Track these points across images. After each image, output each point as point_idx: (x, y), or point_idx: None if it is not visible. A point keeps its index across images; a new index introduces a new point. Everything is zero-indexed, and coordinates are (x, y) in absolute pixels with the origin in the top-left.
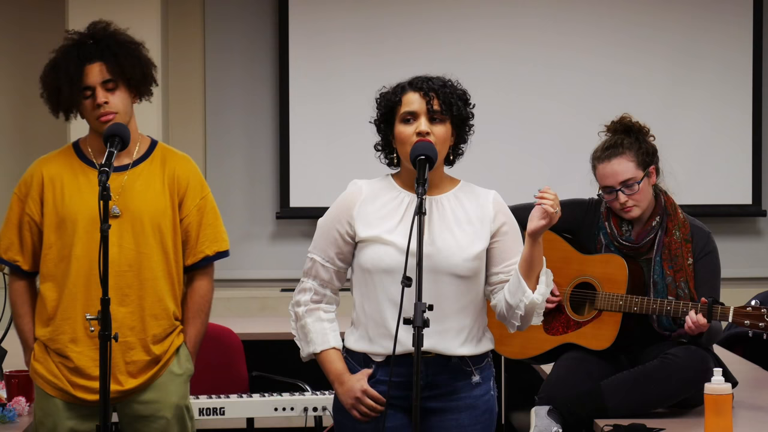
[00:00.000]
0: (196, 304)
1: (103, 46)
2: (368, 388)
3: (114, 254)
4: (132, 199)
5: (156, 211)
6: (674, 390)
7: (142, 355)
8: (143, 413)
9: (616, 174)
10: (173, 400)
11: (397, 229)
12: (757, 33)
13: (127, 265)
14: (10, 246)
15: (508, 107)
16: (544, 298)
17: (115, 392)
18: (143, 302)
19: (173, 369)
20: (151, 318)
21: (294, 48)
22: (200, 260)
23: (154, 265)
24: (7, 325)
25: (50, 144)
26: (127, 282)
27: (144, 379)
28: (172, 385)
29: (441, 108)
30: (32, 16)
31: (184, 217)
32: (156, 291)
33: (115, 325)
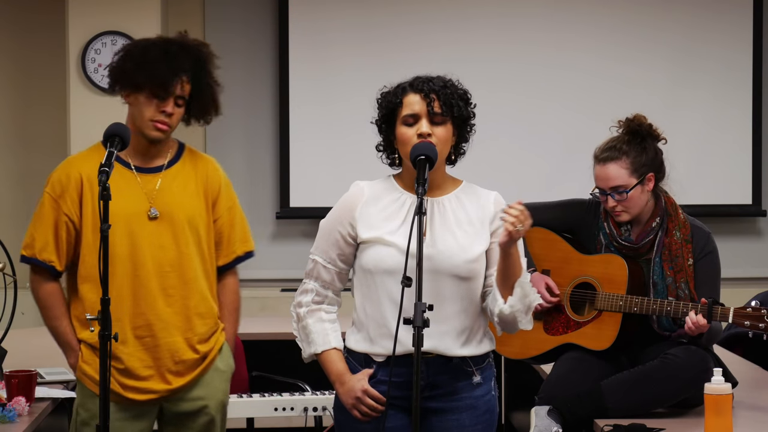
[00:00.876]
0: (232, 302)
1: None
2: (369, 388)
3: (156, 255)
4: (170, 200)
5: (192, 212)
6: (674, 390)
7: (190, 354)
8: (191, 409)
9: (608, 179)
10: (219, 396)
11: (399, 230)
12: (757, 33)
13: (169, 265)
14: (45, 246)
15: (508, 107)
16: (513, 310)
17: (164, 391)
18: (188, 302)
19: (218, 365)
20: (197, 317)
21: (294, 48)
22: (233, 260)
23: (194, 265)
24: (7, 325)
25: (50, 144)
26: (170, 282)
27: (191, 377)
28: (218, 382)
29: (442, 110)
30: (32, 16)
31: (218, 218)
32: (199, 290)
33: (162, 325)
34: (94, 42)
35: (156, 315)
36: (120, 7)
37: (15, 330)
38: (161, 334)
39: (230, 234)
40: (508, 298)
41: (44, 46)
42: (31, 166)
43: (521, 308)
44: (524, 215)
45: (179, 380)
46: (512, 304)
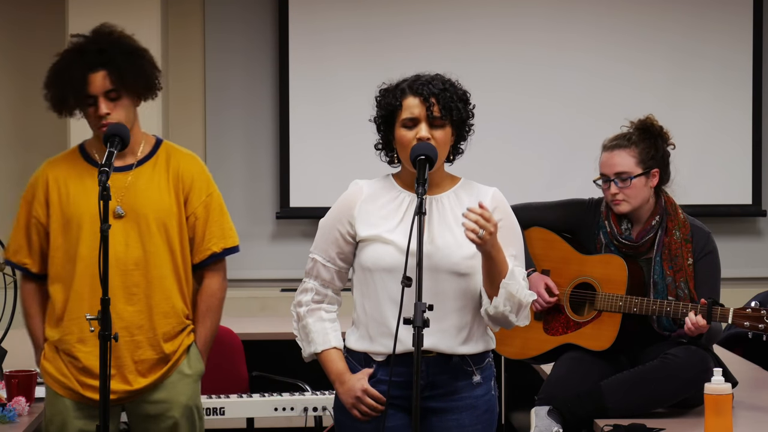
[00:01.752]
0: (206, 302)
1: (108, 55)
2: (369, 387)
3: (120, 253)
4: (136, 198)
5: (161, 210)
6: (674, 390)
7: (151, 354)
8: (152, 413)
9: (613, 164)
10: (182, 400)
11: (398, 228)
12: (757, 33)
13: (134, 263)
14: (19, 249)
15: (508, 107)
16: (497, 311)
17: (124, 392)
18: (151, 300)
19: (183, 369)
20: (160, 316)
21: (294, 48)
22: (207, 257)
23: (161, 263)
24: (7, 325)
25: (50, 144)
26: (134, 281)
27: (153, 379)
28: (181, 384)
29: (441, 113)
30: (32, 16)
31: (190, 214)
32: (164, 289)
33: (122, 324)
34: None
35: (116, 314)
36: (120, 7)
37: (15, 330)
38: (121, 333)
39: (205, 230)
40: (493, 299)
41: (44, 46)
42: (31, 166)
43: (509, 308)
44: (485, 217)
45: (141, 381)
46: (496, 305)
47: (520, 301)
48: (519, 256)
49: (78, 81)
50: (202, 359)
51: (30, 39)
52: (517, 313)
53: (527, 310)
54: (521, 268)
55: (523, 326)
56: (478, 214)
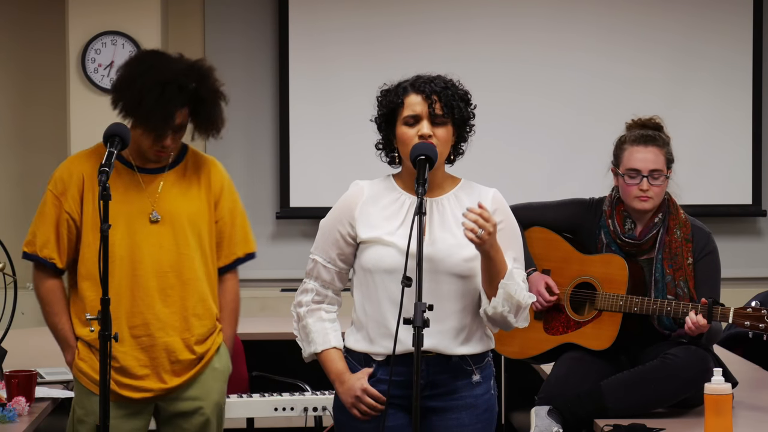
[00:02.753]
0: (231, 303)
1: (199, 96)
2: (368, 387)
3: (155, 255)
4: (171, 202)
5: (194, 214)
6: (674, 390)
7: (187, 355)
8: (185, 409)
9: (648, 160)
10: (215, 398)
11: (398, 231)
12: (757, 33)
13: (169, 266)
14: (46, 243)
15: (509, 107)
16: (496, 311)
17: (159, 390)
18: (186, 302)
19: (215, 365)
20: (195, 318)
21: (294, 48)
22: (232, 261)
23: (195, 266)
24: (7, 325)
25: (50, 144)
26: (169, 283)
27: (188, 377)
28: (214, 382)
29: (443, 111)
30: (32, 16)
31: (219, 219)
32: (198, 291)
33: (160, 325)
34: (94, 42)
35: (153, 315)
36: (120, 7)
37: (15, 330)
38: (158, 333)
39: (231, 235)
40: (492, 299)
41: (44, 46)
42: (31, 166)
43: (507, 309)
44: (485, 217)
45: (175, 380)
46: (494, 306)
47: (519, 302)
48: (519, 259)
49: (167, 115)
50: (230, 357)
51: (30, 39)
52: (516, 314)
53: (527, 311)
54: (521, 271)
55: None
56: (477, 213)
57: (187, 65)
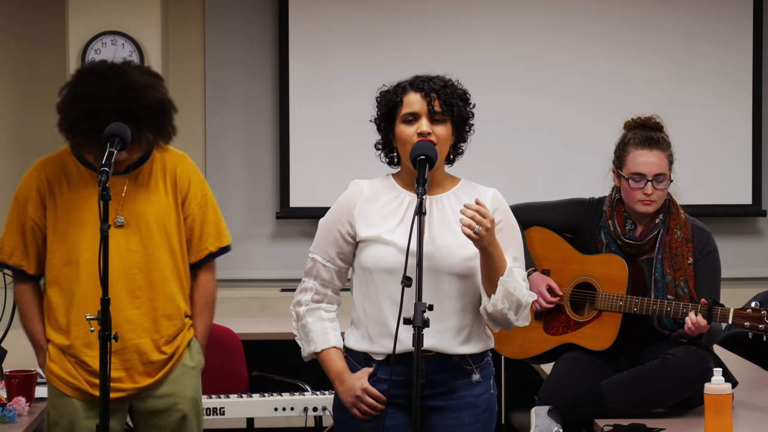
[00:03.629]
0: (203, 299)
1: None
2: (368, 386)
3: (122, 257)
4: (136, 203)
5: (160, 213)
6: (674, 390)
7: (158, 356)
8: (160, 407)
9: (652, 164)
10: (189, 393)
11: (398, 229)
12: (757, 33)
13: (136, 267)
14: (14, 251)
15: (509, 107)
16: (496, 309)
17: (132, 389)
18: (155, 303)
19: (186, 362)
20: (164, 318)
21: (294, 48)
22: (204, 257)
23: (163, 266)
24: (7, 325)
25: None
26: (136, 284)
27: (159, 376)
28: (186, 378)
29: (442, 109)
30: (32, 16)
31: (187, 215)
32: (167, 291)
33: (130, 327)
34: (94, 42)
35: (123, 317)
36: (120, 7)
37: (15, 330)
38: (128, 335)
39: (201, 231)
40: (491, 297)
41: (44, 46)
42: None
43: (507, 306)
44: (482, 213)
45: (147, 379)
46: (494, 303)
47: (519, 300)
48: (519, 258)
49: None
50: (202, 353)
51: (30, 39)
52: (516, 312)
53: (527, 310)
54: (521, 269)
55: (523, 326)
56: (474, 209)
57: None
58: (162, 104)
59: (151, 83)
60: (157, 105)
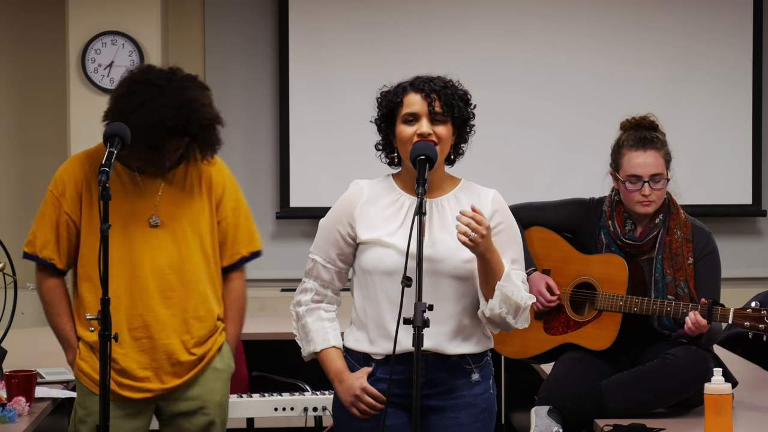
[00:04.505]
0: (236, 303)
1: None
2: (368, 386)
3: (155, 257)
4: (171, 205)
5: (196, 216)
6: (674, 390)
7: (187, 357)
8: (187, 409)
9: (648, 165)
10: (217, 398)
11: (398, 232)
12: (757, 33)
13: (169, 267)
14: (46, 244)
15: (508, 107)
16: (493, 313)
17: (159, 390)
18: (186, 304)
19: (216, 365)
20: (195, 320)
21: (294, 48)
22: (237, 261)
23: (196, 267)
24: (7, 325)
25: (50, 144)
26: (169, 284)
27: (188, 378)
28: (216, 382)
29: (442, 109)
30: (32, 16)
31: (222, 219)
32: (199, 293)
33: (160, 327)
34: (94, 42)
35: (153, 316)
36: (120, 7)
37: (15, 330)
38: (158, 335)
39: (235, 235)
40: (489, 301)
41: (44, 46)
42: (31, 166)
43: (505, 310)
44: (477, 220)
45: (176, 380)
46: (491, 308)
47: (518, 304)
48: (518, 260)
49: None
50: (233, 357)
51: (30, 39)
52: (515, 316)
53: (527, 312)
54: (520, 272)
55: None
56: (469, 216)
57: (176, 101)
58: (215, 121)
59: (207, 100)
60: (210, 123)
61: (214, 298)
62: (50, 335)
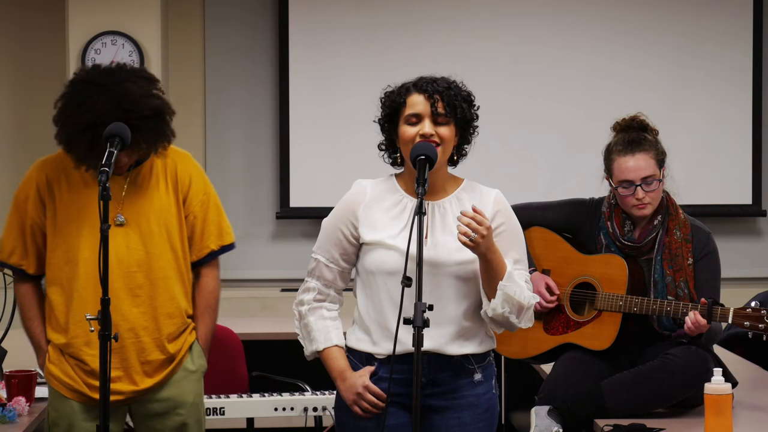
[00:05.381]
0: (205, 300)
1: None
2: (370, 384)
3: (122, 255)
4: (136, 202)
5: (161, 211)
6: (674, 390)
7: (158, 354)
8: (159, 411)
9: (638, 169)
10: (190, 399)
11: (401, 234)
12: (757, 33)
13: (136, 265)
14: (14, 250)
15: (509, 107)
16: (496, 313)
17: (131, 392)
18: (155, 302)
19: (187, 366)
20: (165, 317)
21: (294, 48)
22: (206, 255)
23: (164, 264)
24: (7, 325)
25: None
26: (137, 282)
27: (159, 378)
28: (187, 382)
29: (445, 111)
30: (32, 15)
31: (189, 213)
32: (168, 290)
33: (128, 325)
34: (94, 42)
35: (121, 315)
36: (120, 7)
37: (15, 330)
38: (127, 334)
39: (203, 229)
40: (491, 301)
41: (44, 46)
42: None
43: (508, 310)
44: (477, 221)
45: (147, 381)
46: (494, 308)
47: (520, 303)
48: (521, 260)
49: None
50: (204, 356)
51: (30, 39)
52: (518, 315)
53: (530, 312)
54: (523, 272)
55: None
56: (470, 217)
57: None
58: (157, 111)
59: (146, 91)
60: (153, 113)
61: (183, 294)
62: None
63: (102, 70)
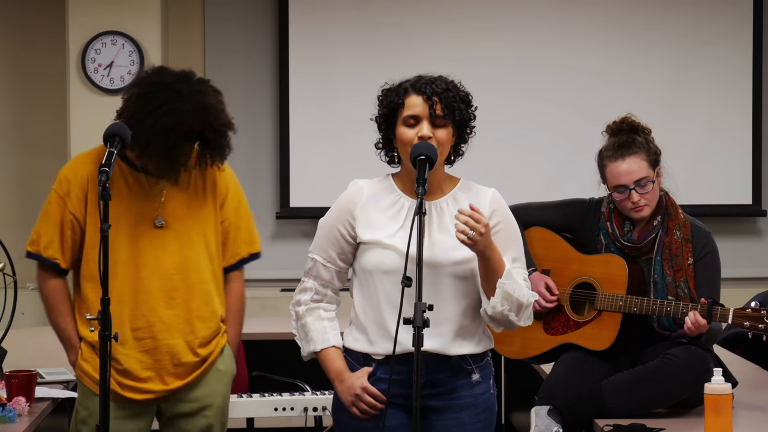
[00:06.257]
0: (235, 305)
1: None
2: (368, 385)
3: (159, 258)
4: (176, 207)
5: (200, 217)
6: (674, 390)
7: (191, 357)
8: (188, 410)
9: (630, 173)
10: (218, 401)
11: (398, 234)
12: (757, 33)
13: (173, 268)
14: (50, 243)
15: (509, 107)
16: (495, 311)
17: (162, 391)
18: (190, 305)
19: (219, 366)
20: (199, 320)
21: (294, 48)
22: (237, 262)
23: (202, 268)
24: (7, 325)
25: (50, 144)
26: (173, 285)
27: (190, 379)
28: (217, 384)
29: (443, 113)
30: (32, 15)
31: (224, 219)
32: (203, 294)
33: (163, 327)
34: (94, 42)
35: (157, 317)
36: (120, 7)
37: (15, 330)
38: (161, 336)
39: (236, 235)
40: (491, 299)
41: (44, 46)
42: (31, 166)
43: (507, 308)
44: (475, 219)
45: (177, 382)
46: (493, 306)
47: (520, 301)
48: (519, 259)
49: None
50: (234, 359)
51: (30, 39)
52: (517, 313)
53: (529, 310)
54: (522, 270)
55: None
56: (467, 215)
57: (194, 105)
58: (229, 127)
59: (222, 105)
60: (224, 128)
61: (217, 298)
62: (50, 335)
63: (174, 74)
